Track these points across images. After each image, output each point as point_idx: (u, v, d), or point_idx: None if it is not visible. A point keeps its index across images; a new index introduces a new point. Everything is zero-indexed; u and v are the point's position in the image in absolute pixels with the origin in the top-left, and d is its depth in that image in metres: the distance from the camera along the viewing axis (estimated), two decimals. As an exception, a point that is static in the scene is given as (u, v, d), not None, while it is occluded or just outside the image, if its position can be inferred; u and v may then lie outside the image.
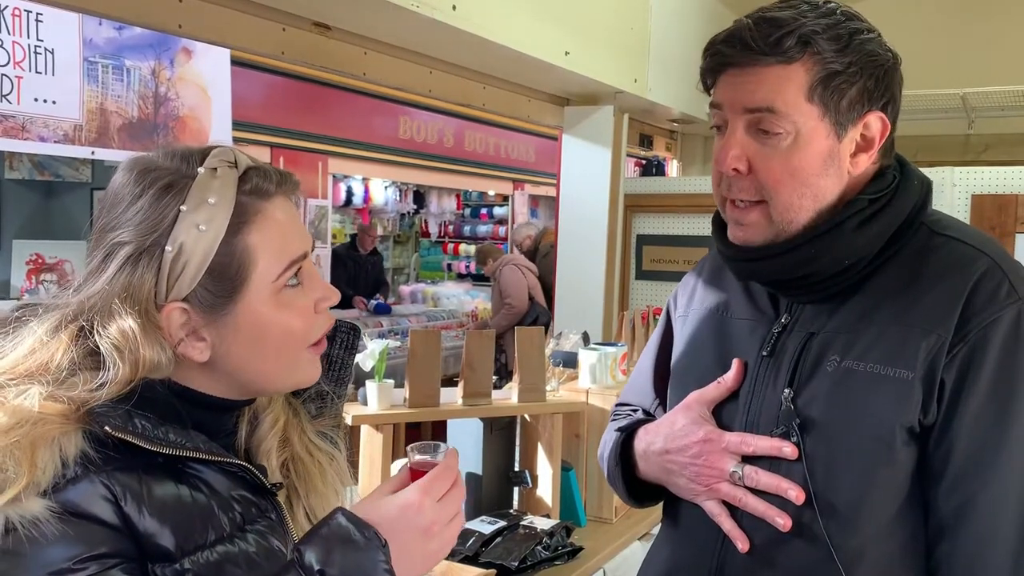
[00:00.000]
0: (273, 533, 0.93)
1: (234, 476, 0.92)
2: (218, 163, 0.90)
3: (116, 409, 0.84)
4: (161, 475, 0.86)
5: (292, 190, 0.96)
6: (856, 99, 1.06)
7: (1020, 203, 3.37)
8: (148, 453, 0.84)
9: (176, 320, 0.88)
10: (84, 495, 0.80)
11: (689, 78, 4.11)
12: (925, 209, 1.12)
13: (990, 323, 1.01)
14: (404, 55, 2.72)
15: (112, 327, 0.85)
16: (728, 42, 1.08)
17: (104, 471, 0.82)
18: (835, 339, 1.08)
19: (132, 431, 0.83)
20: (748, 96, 1.07)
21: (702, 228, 3.88)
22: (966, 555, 1.02)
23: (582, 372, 2.47)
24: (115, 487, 0.82)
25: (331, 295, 0.96)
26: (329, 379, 1.09)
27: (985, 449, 1.00)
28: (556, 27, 2.82)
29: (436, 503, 0.90)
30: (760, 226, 1.10)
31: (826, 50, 1.04)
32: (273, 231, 0.91)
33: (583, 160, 3.64)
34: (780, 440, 1.08)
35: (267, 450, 1.00)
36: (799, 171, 1.06)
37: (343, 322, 1.11)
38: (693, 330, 1.27)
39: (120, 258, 0.86)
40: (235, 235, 0.88)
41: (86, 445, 0.82)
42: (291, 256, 0.92)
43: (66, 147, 2.92)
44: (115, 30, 2.89)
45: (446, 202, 9.73)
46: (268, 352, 0.92)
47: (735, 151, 1.08)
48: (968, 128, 4.63)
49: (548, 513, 2.23)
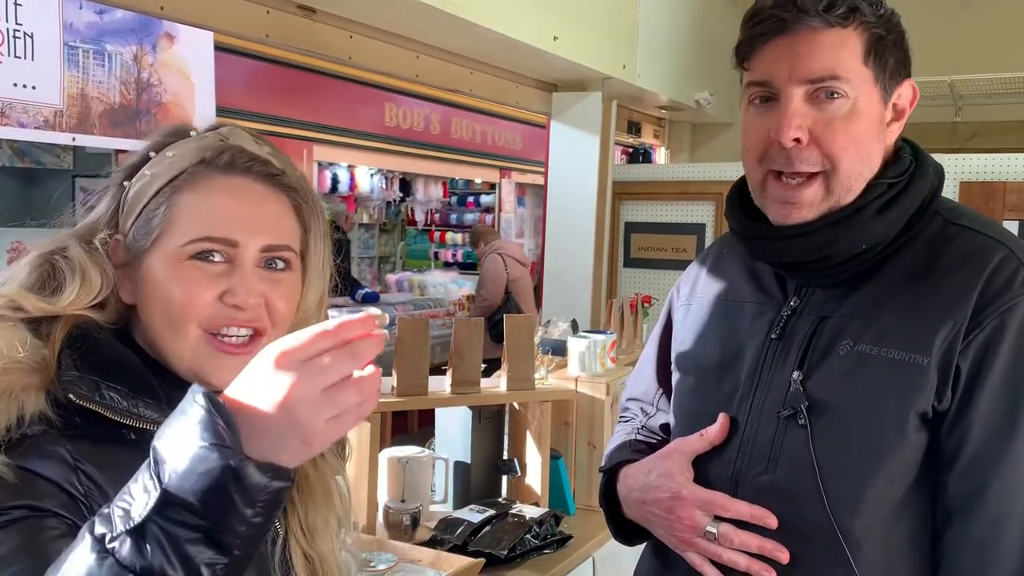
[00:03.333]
0: None
1: None
2: (211, 132, 0.91)
3: (84, 378, 0.82)
4: (130, 448, 0.81)
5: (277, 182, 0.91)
6: (895, 67, 1.08)
7: (1008, 190, 3.38)
8: (117, 425, 0.82)
9: (116, 252, 0.90)
10: (45, 453, 0.78)
11: (678, 64, 4.12)
12: (938, 196, 1.12)
13: (1006, 310, 1.01)
14: (391, 39, 2.69)
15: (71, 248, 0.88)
16: (781, 6, 1.05)
17: (65, 435, 0.79)
18: (849, 323, 1.08)
19: (99, 401, 0.81)
20: (807, 64, 1.04)
21: (690, 216, 3.87)
22: (976, 541, 1.01)
23: (571, 360, 2.46)
24: (77, 451, 0.79)
25: (242, 295, 0.86)
26: None
27: (998, 436, 1.00)
28: (544, 12, 2.80)
29: (315, 395, 0.66)
30: (816, 202, 1.08)
31: (870, 16, 1.05)
32: (208, 198, 0.87)
33: (571, 147, 3.62)
34: (761, 509, 1.07)
35: None
36: (860, 136, 1.06)
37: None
38: (696, 316, 1.26)
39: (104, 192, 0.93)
40: (172, 191, 0.88)
41: (47, 407, 0.79)
42: (208, 232, 0.86)
43: (47, 133, 2.87)
44: (96, 14, 2.84)
45: (432, 190, 9.67)
46: (162, 317, 0.87)
47: (797, 120, 1.05)
48: (956, 115, 4.64)
49: (537, 501, 2.22)
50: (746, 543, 1.07)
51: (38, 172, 5.56)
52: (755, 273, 1.21)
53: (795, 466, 1.07)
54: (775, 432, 1.09)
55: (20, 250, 4.96)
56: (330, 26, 2.44)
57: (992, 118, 4.72)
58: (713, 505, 1.09)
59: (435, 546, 1.91)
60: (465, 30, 2.52)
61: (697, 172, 3.97)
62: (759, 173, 1.11)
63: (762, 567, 1.06)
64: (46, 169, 5.54)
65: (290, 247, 0.91)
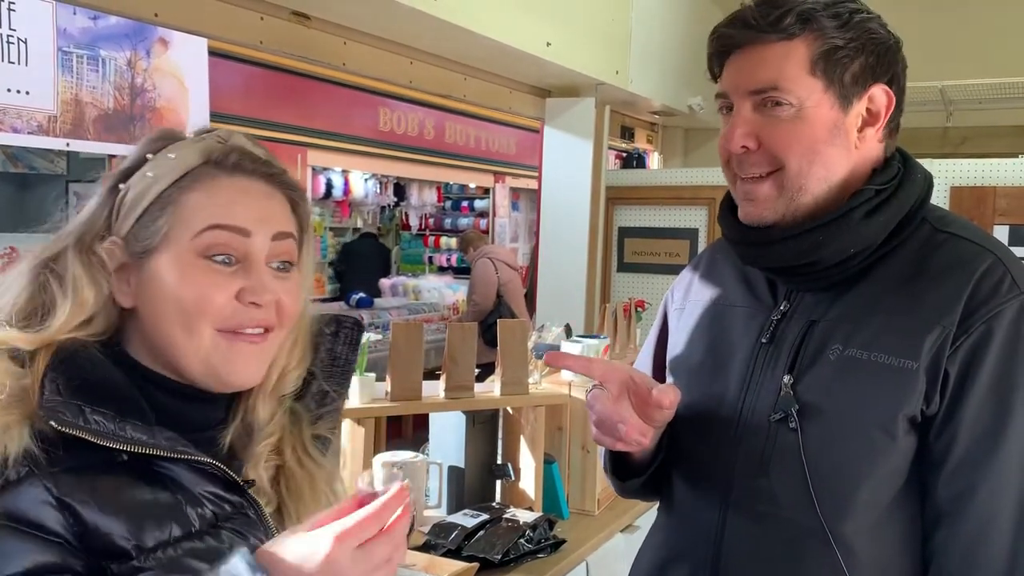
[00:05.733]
0: (252, 529, 0.90)
1: (204, 472, 0.88)
2: (210, 135, 0.91)
3: (67, 403, 0.80)
4: (120, 472, 0.82)
5: (280, 181, 0.93)
6: (859, 73, 1.08)
7: (998, 195, 3.41)
8: (107, 450, 0.81)
9: (114, 255, 0.88)
10: (27, 501, 0.77)
11: (671, 70, 4.13)
12: (926, 203, 1.13)
13: (993, 316, 1.02)
14: (385, 45, 2.69)
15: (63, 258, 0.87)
16: (731, 24, 1.11)
17: (50, 473, 0.78)
18: (837, 327, 1.09)
19: (84, 427, 0.80)
20: (751, 77, 1.09)
21: (684, 220, 3.88)
22: (964, 543, 1.03)
23: (565, 364, 2.46)
24: (60, 489, 0.78)
25: (260, 292, 0.87)
26: (331, 377, 1.04)
27: (986, 440, 1.01)
28: (538, 18, 2.81)
29: (353, 551, 0.74)
30: (771, 200, 1.10)
31: (827, 26, 1.07)
32: (215, 196, 0.88)
33: (565, 152, 3.63)
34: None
35: (256, 463, 0.95)
36: (806, 138, 1.08)
37: (346, 317, 1.07)
38: (689, 321, 1.27)
39: (96, 194, 0.91)
40: (176, 191, 0.88)
41: (31, 443, 0.78)
42: (220, 220, 0.87)
43: (40, 138, 2.87)
44: (90, 20, 2.84)
45: (427, 194, 9.67)
46: (171, 319, 0.86)
47: (742, 129, 1.10)
48: (946, 121, 4.67)
49: (531, 506, 2.22)
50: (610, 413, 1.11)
51: (31, 177, 5.55)
52: (746, 278, 1.22)
53: (785, 469, 1.08)
54: (766, 436, 1.10)
55: (13, 256, 4.95)
56: (324, 32, 2.45)
57: (983, 123, 4.75)
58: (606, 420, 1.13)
59: (429, 551, 1.91)
60: (459, 36, 2.53)
61: (690, 177, 3.99)
62: (728, 175, 1.16)
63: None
64: (39, 174, 5.53)
65: (294, 236, 0.93)
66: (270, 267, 0.90)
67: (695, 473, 1.18)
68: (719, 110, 1.16)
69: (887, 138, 1.14)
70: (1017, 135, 4.70)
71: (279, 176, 0.93)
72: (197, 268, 0.86)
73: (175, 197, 0.87)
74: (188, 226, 0.87)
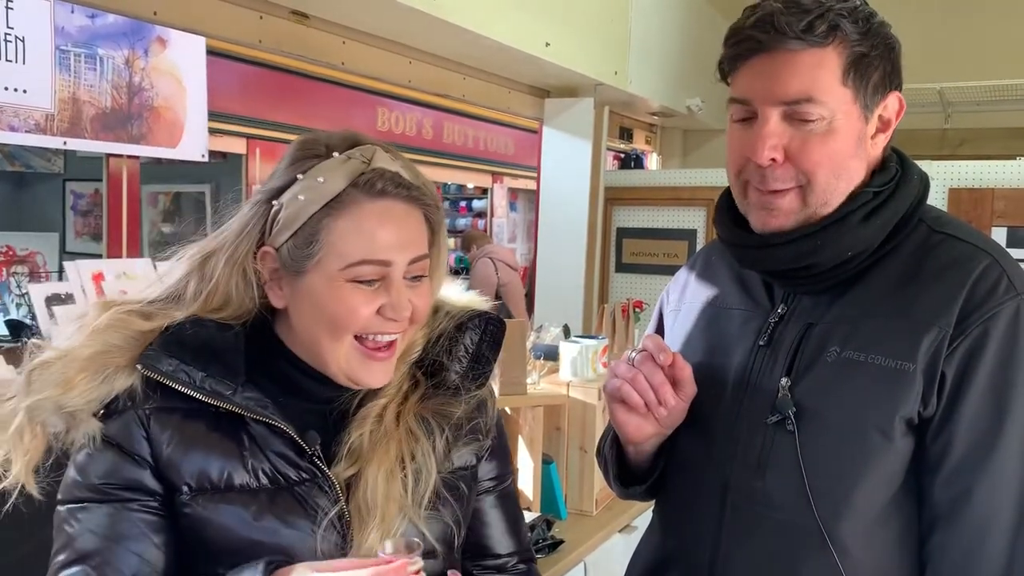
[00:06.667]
0: (318, 496, 0.98)
1: (281, 435, 0.97)
2: (355, 154, 0.98)
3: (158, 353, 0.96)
4: (204, 419, 0.97)
5: (416, 199, 1.00)
6: (879, 82, 1.07)
7: (996, 196, 3.41)
8: (195, 400, 0.95)
9: (267, 262, 1.00)
10: (127, 428, 0.95)
11: (669, 71, 4.13)
12: (923, 204, 1.13)
13: (989, 317, 1.01)
14: (384, 45, 2.69)
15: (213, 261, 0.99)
16: (759, 27, 1.05)
17: (145, 408, 0.96)
18: (835, 330, 1.08)
19: (165, 373, 0.95)
20: (783, 87, 1.04)
21: (682, 221, 3.88)
22: (961, 545, 1.02)
23: (563, 365, 2.46)
24: (151, 424, 0.96)
25: (399, 309, 0.98)
26: (468, 375, 1.09)
27: (983, 441, 1.01)
28: (537, 18, 2.81)
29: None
30: (793, 211, 1.08)
31: (852, 33, 1.04)
32: (360, 224, 0.96)
33: (563, 152, 3.63)
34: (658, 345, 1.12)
35: (364, 417, 1.02)
36: (836, 154, 1.06)
37: (492, 315, 1.11)
38: (685, 323, 1.27)
39: (252, 203, 1.01)
40: (326, 215, 0.96)
41: (137, 382, 0.96)
42: (366, 255, 0.96)
43: (37, 137, 2.86)
44: (88, 18, 2.84)
45: (425, 195, 9.67)
46: (319, 324, 0.98)
47: (772, 141, 1.06)
48: (945, 122, 4.68)
49: (529, 506, 2.22)
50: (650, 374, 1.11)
51: (28, 176, 5.54)
52: (743, 280, 1.22)
53: (783, 471, 1.08)
54: (763, 438, 1.10)
55: (9, 254, 4.94)
56: (323, 31, 2.45)
57: (981, 125, 4.76)
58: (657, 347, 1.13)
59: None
60: (458, 36, 2.53)
61: (688, 178, 3.99)
62: (739, 183, 1.13)
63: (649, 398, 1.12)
64: (36, 173, 5.52)
65: (427, 255, 1.03)
66: (406, 279, 1.00)
67: (692, 474, 1.17)
68: (732, 116, 1.11)
69: (888, 140, 1.13)
70: (1015, 137, 4.70)
71: (417, 196, 1.01)
72: (345, 289, 0.97)
73: (325, 223, 0.96)
74: (338, 256, 0.97)
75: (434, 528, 1.03)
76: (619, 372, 1.14)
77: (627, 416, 1.14)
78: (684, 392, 1.14)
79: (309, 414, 1.02)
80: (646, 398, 1.12)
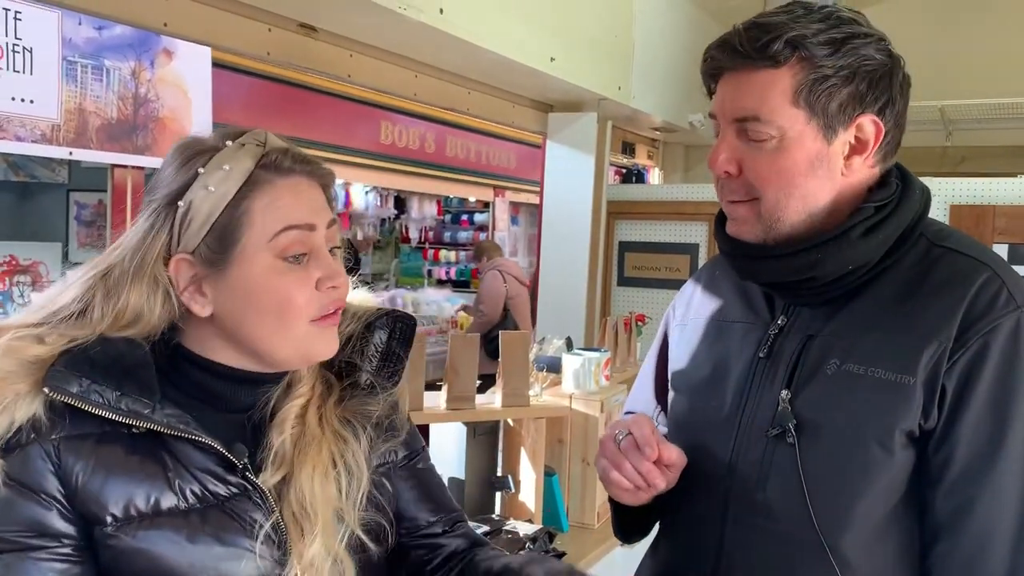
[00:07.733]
0: (252, 511, 0.94)
1: (206, 450, 0.92)
2: (247, 140, 0.97)
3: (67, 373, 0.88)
4: (119, 443, 0.89)
5: (316, 173, 1.00)
6: (847, 102, 1.06)
7: (997, 213, 3.42)
8: (109, 421, 0.89)
9: (183, 271, 0.95)
10: (30, 464, 0.87)
11: (672, 86, 4.16)
12: (924, 218, 1.13)
13: (990, 330, 1.02)
14: (390, 58, 2.71)
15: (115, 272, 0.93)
16: (720, 47, 1.10)
17: (49, 439, 0.87)
18: (835, 343, 1.09)
19: (77, 395, 0.87)
20: (733, 104, 1.09)
21: (684, 235, 3.89)
22: (963, 556, 1.03)
23: (566, 377, 2.46)
24: (60, 454, 0.87)
25: (335, 276, 0.97)
26: (381, 373, 1.08)
27: (984, 454, 1.01)
28: (542, 33, 2.83)
29: None
30: (750, 222, 1.12)
31: (817, 54, 1.04)
32: (277, 200, 0.95)
33: (566, 167, 3.65)
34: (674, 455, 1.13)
35: (282, 420, 1.00)
36: (785, 171, 1.08)
37: (402, 313, 1.11)
38: (690, 337, 1.28)
39: (147, 213, 0.96)
40: (241, 199, 0.94)
41: (41, 410, 0.87)
42: (289, 221, 0.94)
43: (43, 147, 2.87)
44: (95, 30, 2.86)
45: (427, 208, 9.68)
46: (264, 317, 0.95)
47: (724, 155, 1.10)
48: (946, 140, 4.70)
49: (531, 518, 2.22)
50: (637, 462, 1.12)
51: (33, 186, 5.55)
52: (745, 293, 1.23)
53: (783, 484, 1.08)
54: (764, 451, 1.10)
55: (13, 264, 4.94)
56: (331, 44, 2.47)
57: (982, 143, 4.78)
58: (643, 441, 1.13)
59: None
60: (463, 50, 2.55)
61: (691, 192, 4.01)
62: (718, 191, 1.17)
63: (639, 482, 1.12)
64: (41, 183, 5.53)
65: (336, 220, 1.02)
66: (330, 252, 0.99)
67: (694, 488, 1.17)
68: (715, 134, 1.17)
69: (882, 161, 1.12)
70: (1016, 155, 4.72)
71: (317, 171, 1.01)
72: (277, 271, 0.94)
73: (244, 206, 0.94)
74: (262, 231, 0.94)
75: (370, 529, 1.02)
76: (607, 455, 1.16)
77: (619, 491, 1.16)
78: (675, 468, 1.15)
79: (228, 426, 0.97)
80: (635, 483, 1.13)
